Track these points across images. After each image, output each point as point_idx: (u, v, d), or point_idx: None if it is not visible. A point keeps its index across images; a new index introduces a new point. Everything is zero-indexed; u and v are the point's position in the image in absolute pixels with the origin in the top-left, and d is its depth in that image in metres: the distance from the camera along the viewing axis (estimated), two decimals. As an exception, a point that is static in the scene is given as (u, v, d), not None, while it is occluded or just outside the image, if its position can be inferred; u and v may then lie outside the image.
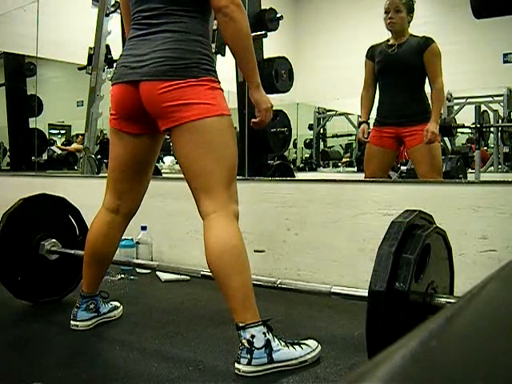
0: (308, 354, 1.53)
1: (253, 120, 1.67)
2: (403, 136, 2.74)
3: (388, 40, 2.83)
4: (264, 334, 1.45)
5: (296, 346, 1.52)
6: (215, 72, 1.57)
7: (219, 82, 1.57)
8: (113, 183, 1.77)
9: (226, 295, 1.47)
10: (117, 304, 2.03)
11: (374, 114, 2.99)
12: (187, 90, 1.49)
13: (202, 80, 1.50)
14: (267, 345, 1.44)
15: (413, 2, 2.75)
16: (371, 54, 2.89)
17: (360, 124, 2.94)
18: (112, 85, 1.67)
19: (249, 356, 1.42)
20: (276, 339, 1.48)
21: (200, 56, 1.52)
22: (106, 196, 1.79)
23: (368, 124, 2.89)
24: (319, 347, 1.58)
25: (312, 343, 1.57)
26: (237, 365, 1.44)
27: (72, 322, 1.85)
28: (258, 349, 1.43)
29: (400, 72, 2.76)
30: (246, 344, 1.43)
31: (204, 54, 1.54)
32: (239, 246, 1.49)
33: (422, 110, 2.70)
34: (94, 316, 1.88)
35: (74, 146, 6.65)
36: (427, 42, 2.72)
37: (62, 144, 6.94)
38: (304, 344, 1.55)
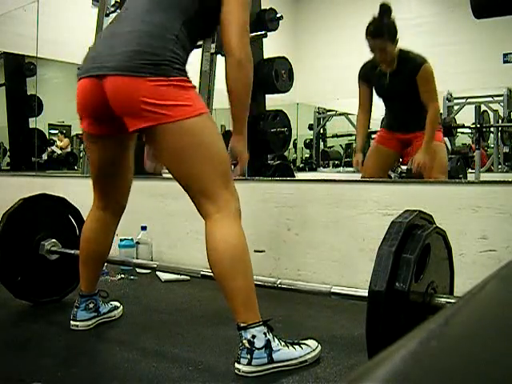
0: (308, 353, 1.53)
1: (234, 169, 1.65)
2: (410, 140, 2.79)
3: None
4: (264, 334, 1.44)
5: (296, 346, 1.52)
6: (186, 72, 1.51)
7: (191, 81, 1.51)
8: (95, 184, 1.80)
9: (228, 296, 1.46)
10: (117, 304, 2.03)
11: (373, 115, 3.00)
12: (162, 89, 1.42)
13: (175, 79, 1.43)
14: (267, 345, 1.44)
15: (394, 26, 2.66)
16: (365, 76, 2.87)
17: (354, 151, 2.96)
18: (78, 80, 1.60)
19: (249, 356, 1.42)
20: (276, 339, 1.48)
21: (173, 54, 1.45)
22: (94, 195, 1.83)
23: (364, 154, 2.89)
24: (319, 347, 1.58)
25: (312, 343, 1.57)
26: (237, 365, 1.44)
27: (72, 322, 1.85)
28: (258, 349, 1.43)
29: (399, 99, 2.78)
30: (247, 344, 1.43)
31: (176, 53, 1.47)
32: (242, 246, 1.48)
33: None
34: (93, 316, 1.88)
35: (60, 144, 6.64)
36: (418, 65, 2.66)
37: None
38: (304, 344, 1.55)
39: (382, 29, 2.62)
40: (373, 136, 3.15)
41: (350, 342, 1.72)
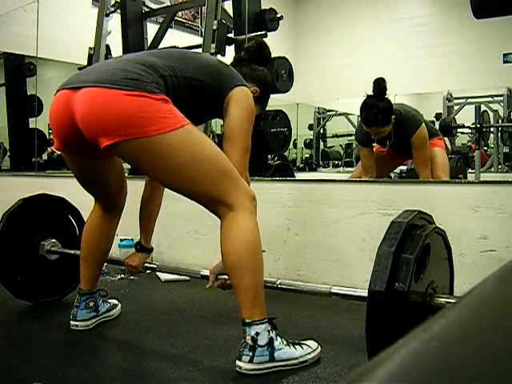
0: (308, 354, 1.53)
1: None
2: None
3: None
4: (268, 331, 1.44)
5: (297, 346, 1.52)
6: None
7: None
8: (85, 189, 1.83)
9: (238, 290, 1.45)
10: (115, 302, 2.03)
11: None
12: (141, 101, 1.36)
13: (156, 95, 1.39)
14: (270, 343, 1.44)
15: (388, 108, 2.66)
16: (365, 142, 2.90)
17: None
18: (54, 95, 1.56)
19: (251, 353, 1.42)
20: (279, 338, 1.47)
21: (155, 80, 1.42)
22: None
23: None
24: (319, 348, 1.58)
25: (312, 344, 1.57)
26: (238, 362, 1.44)
27: (72, 322, 1.85)
28: (260, 346, 1.42)
29: (402, 149, 2.84)
30: (250, 341, 1.42)
31: (158, 82, 1.43)
32: (257, 242, 1.47)
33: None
34: (93, 316, 1.88)
35: None
36: (410, 134, 2.71)
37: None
38: (304, 344, 1.55)
39: (377, 118, 2.62)
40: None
41: (350, 342, 1.72)
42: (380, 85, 2.62)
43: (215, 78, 1.57)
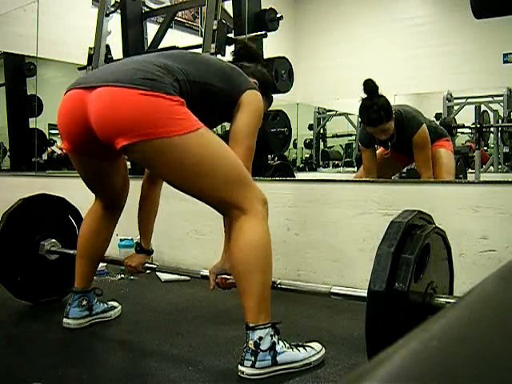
0: (312, 356, 1.52)
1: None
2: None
3: None
4: (271, 336, 1.43)
5: (300, 348, 1.51)
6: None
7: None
8: (90, 189, 1.84)
9: (245, 293, 1.44)
10: (114, 304, 2.03)
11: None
12: (158, 102, 1.36)
13: (172, 97, 1.38)
14: (272, 347, 1.43)
15: (387, 103, 2.66)
16: (367, 143, 2.91)
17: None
18: (64, 94, 1.56)
19: (253, 358, 1.41)
20: (280, 341, 1.47)
21: (171, 82, 1.42)
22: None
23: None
24: (323, 350, 1.57)
25: (316, 346, 1.56)
26: (240, 367, 1.43)
27: (64, 320, 1.84)
28: (263, 351, 1.41)
29: (403, 151, 2.85)
30: (252, 346, 1.41)
31: (173, 85, 1.42)
32: (268, 247, 1.48)
33: (433, 139, 2.78)
34: (86, 315, 1.87)
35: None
36: (411, 134, 2.72)
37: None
38: (308, 346, 1.54)
39: (379, 116, 2.62)
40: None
41: (349, 342, 1.72)
42: (369, 85, 2.63)
43: (227, 82, 1.57)
